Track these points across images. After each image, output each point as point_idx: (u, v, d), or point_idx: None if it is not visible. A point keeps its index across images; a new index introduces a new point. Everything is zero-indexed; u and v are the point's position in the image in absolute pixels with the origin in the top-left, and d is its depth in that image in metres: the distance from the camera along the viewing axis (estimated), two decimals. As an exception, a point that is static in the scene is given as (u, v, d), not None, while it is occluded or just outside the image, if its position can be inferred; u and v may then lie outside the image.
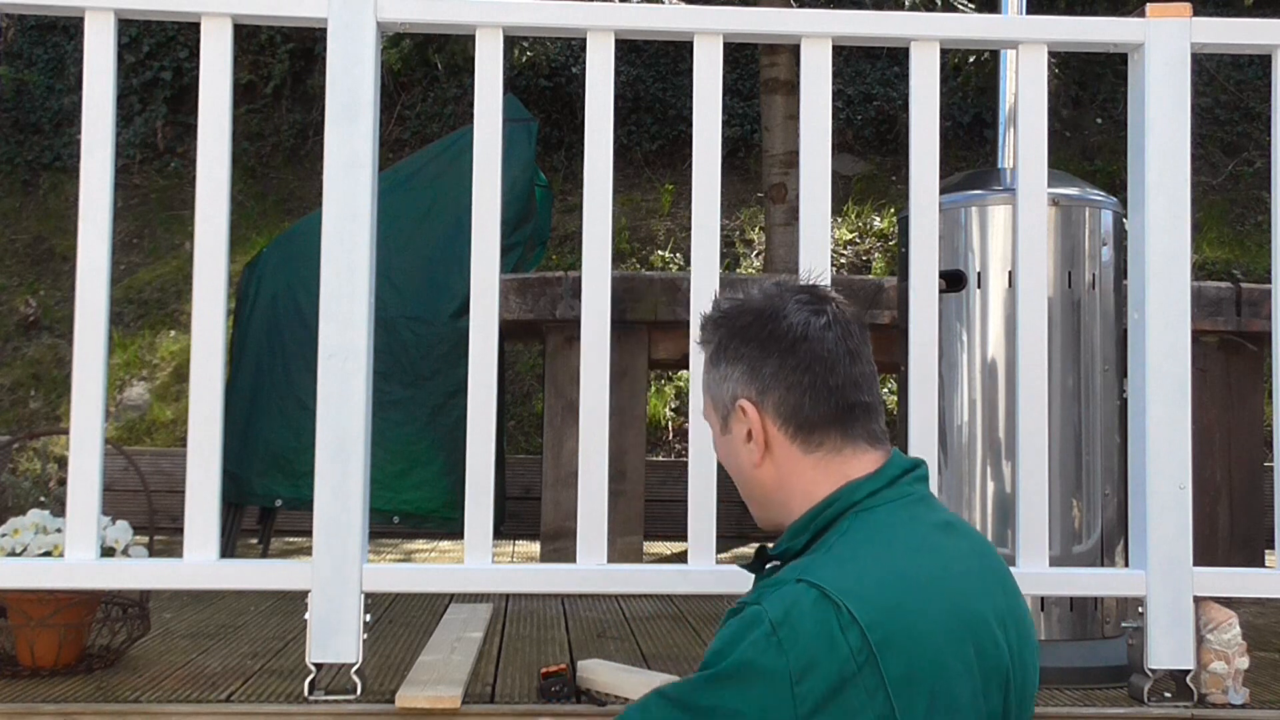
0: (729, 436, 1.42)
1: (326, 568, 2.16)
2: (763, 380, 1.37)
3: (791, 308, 1.38)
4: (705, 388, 1.46)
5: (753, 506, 1.45)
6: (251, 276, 4.64)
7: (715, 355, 1.43)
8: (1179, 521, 2.25)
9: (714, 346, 1.43)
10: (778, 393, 1.36)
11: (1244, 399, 3.99)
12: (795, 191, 4.42)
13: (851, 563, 1.23)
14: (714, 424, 1.46)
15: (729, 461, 1.44)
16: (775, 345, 1.36)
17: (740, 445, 1.39)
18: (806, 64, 2.33)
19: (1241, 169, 9.23)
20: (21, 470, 6.36)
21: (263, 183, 9.41)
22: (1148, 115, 2.31)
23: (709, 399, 1.45)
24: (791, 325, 1.37)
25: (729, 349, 1.40)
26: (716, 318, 1.44)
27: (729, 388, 1.40)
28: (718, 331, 1.43)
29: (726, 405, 1.41)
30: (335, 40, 2.24)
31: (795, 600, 1.17)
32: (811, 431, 1.36)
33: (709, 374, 1.44)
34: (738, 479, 1.44)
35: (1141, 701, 2.23)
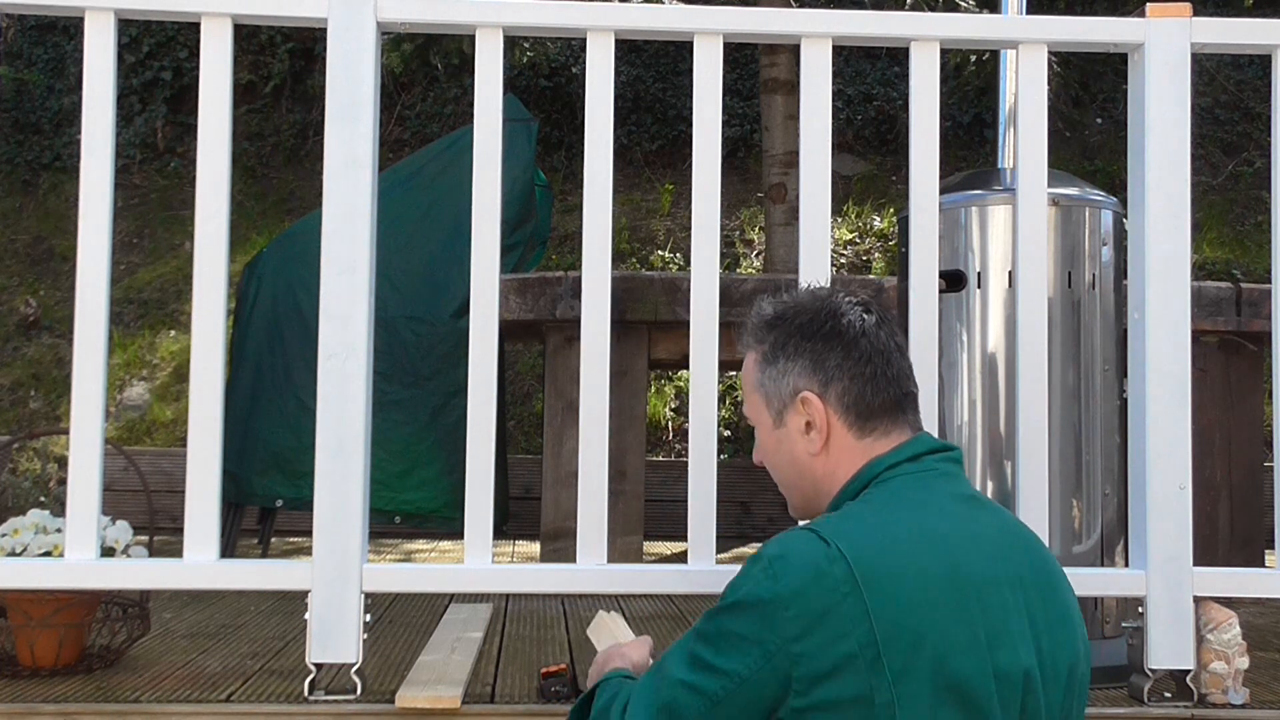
0: (783, 430, 1.51)
1: (326, 568, 2.16)
2: (827, 372, 1.48)
3: (845, 307, 1.52)
4: (756, 386, 1.54)
5: (797, 497, 1.54)
6: (251, 276, 4.64)
7: (772, 353, 1.52)
8: (1179, 521, 2.25)
9: (770, 345, 1.53)
10: (842, 383, 1.47)
11: (1244, 399, 3.99)
12: (795, 191, 4.42)
13: (855, 517, 1.37)
14: (763, 420, 1.54)
15: (779, 454, 1.53)
16: (839, 340, 1.49)
17: (798, 436, 1.50)
18: (806, 64, 2.33)
19: (1241, 169, 9.23)
20: (21, 470, 6.36)
21: (263, 183, 9.41)
22: (1148, 115, 2.31)
23: (759, 396, 1.54)
24: (851, 322, 1.50)
25: (788, 346, 1.51)
26: (770, 319, 1.54)
27: (789, 382, 1.50)
28: (773, 332, 1.53)
29: (785, 399, 1.50)
30: (335, 40, 2.24)
31: (792, 539, 1.31)
32: (869, 418, 1.47)
33: (762, 372, 1.53)
34: (789, 470, 1.53)
35: (1141, 701, 2.23)
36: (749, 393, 1.56)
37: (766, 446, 1.56)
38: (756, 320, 1.57)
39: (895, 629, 1.24)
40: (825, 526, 1.33)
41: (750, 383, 1.56)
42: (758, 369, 1.55)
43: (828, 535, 1.30)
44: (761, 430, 1.56)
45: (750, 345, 1.57)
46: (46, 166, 9.40)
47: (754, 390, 1.55)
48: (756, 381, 1.55)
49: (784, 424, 1.52)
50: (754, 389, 1.55)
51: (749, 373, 1.56)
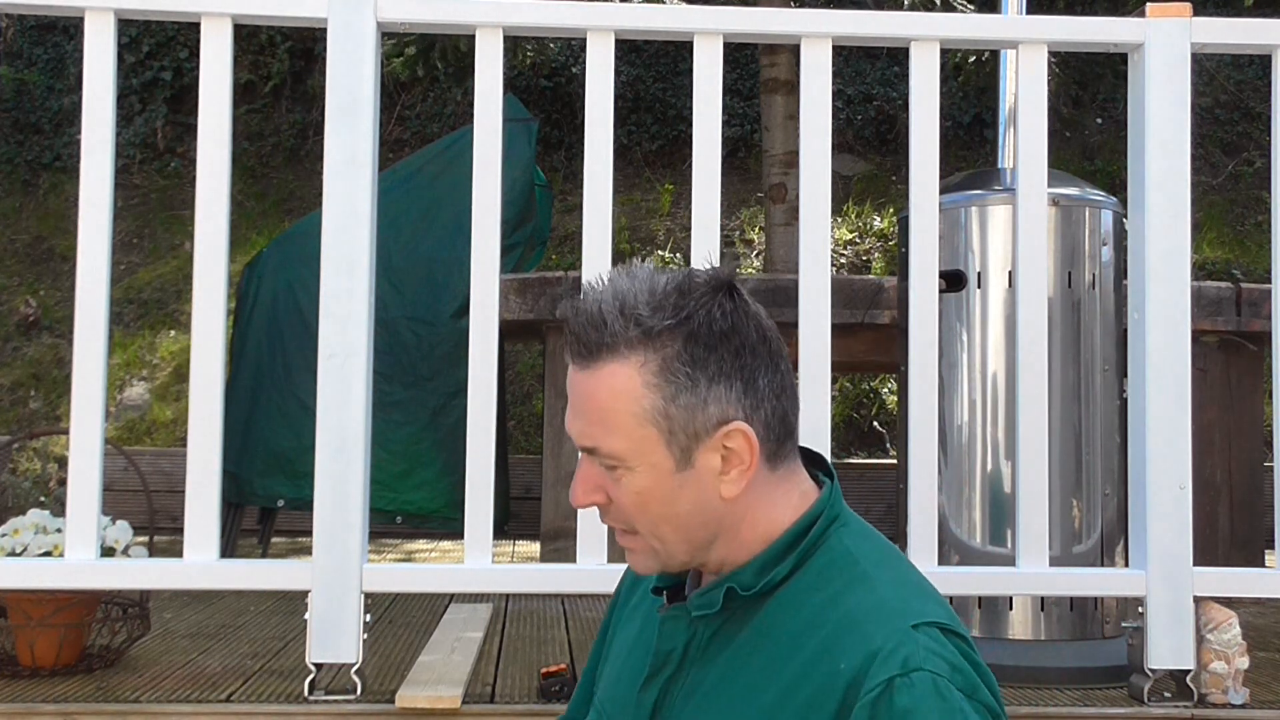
0: (690, 472, 1.12)
1: (326, 568, 2.16)
2: (758, 394, 1.12)
3: (750, 303, 1.15)
4: (648, 416, 1.10)
5: (682, 553, 1.16)
6: (251, 276, 4.64)
7: (686, 371, 1.10)
8: (1179, 521, 2.25)
9: (676, 360, 1.10)
10: (769, 405, 1.13)
11: (1244, 399, 3.99)
12: (795, 191, 4.41)
13: (904, 585, 1.13)
14: (654, 460, 1.11)
15: (674, 504, 1.13)
16: (763, 348, 1.13)
17: (710, 479, 1.12)
18: (806, 64, 2.33)
19: (1241, 169, 9.23)
20: (21, 470, 6.37)
21: (263, 183, 9.41)
22: (1148, 115, 2.31)
23: (654, 430, 1.10)
24: (764, 322, 1.15)
25: (709, 362, 1.10)
26: (671, 323, 1.10)
27: (714, 411, 1.10)
28: (675, 340, 1.10)
29: (700, 431, 1.11)
30: (335, 40, 2.24)
31: (940, 646, 1.05)
32: (783, 443, 1.15)
33: (665, 396, 1.10)
34: (681, 522, 1.14)
35: (1141, 701, 2.23)
36: (625, 425, 1.10)
37: (651, 494, 1.12)
38: (637, 324, 1.10)
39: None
40: (922, 610, 1.08)
41: (630, 412, 1.10)
42: (654, 393, 1.10)
43: (951, 625, 1.08)
44: (644, 474, 1.11)
45: (620, 357, 1.10)
46: (46, 166, 9.40)
47: (640, 422, 1.10)
48: (652, 410, 1.10)
49: (691, 464, 1.11)
50: (641, 420, 1.10)
51: (628, 397, 1.10)
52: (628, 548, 1.18)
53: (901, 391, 2.51)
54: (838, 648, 1.06)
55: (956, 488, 2.54)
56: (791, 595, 1.13)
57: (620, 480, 1.13)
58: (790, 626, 1.11)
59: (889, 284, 3.82)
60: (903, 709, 1.01)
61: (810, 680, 1.07)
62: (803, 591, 1.13)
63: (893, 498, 2.34)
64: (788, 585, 1.14)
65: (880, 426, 7.65)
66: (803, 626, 1.10)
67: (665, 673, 1.18)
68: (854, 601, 1.09)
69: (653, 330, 1.09)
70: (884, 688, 1.01)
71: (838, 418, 7.26)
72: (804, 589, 1.13)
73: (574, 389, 1.13)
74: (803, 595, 1.13)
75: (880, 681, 1.02)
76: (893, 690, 1.01)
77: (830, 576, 1.13)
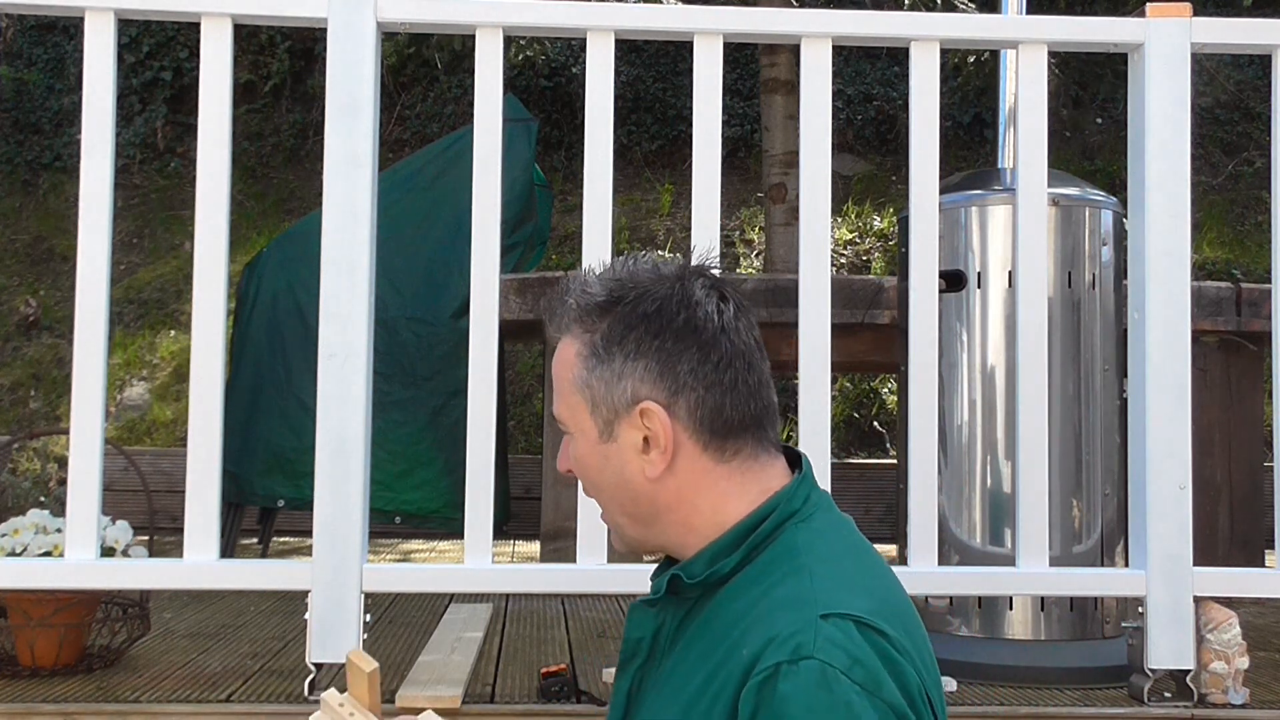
0: (612, 444, 1.20)
1: (326, 568, 2.16)
2: (677, 379, 1.18)
3: (700, 294, 1.20)
4: (578, 384, 1.21)
5: (628, 526, 1.24)
6: (251, 276, 4.64)
7: (605, 346, 1.20)
8: (1179, 521, 2.25)
9: (602, 336, 1.20)
10: (695, 394, 1.18)
11: (1244, 399, 4.00)
12: (795, 191, 4.42)
13: (838, 580, 1.12)
14: (583, 426, 1.22)
15: (603, 473, 1.22)
16: (693, 338, 1.18)
17: (631, 455, 1.19)
18: (806, 64, 2.33)
19: (1241, 169, 9.23)
20: (21, 470, 6.36)
21: (263, 183, 9.42)
22: (1148, 115, 2.31)
23: (581, 398, 1.21)
24: (708, 314, 1.19)
25: (627, 340, 1.19)
26: (605, 302, 1.21)
27: (627, 387, 1.19)
28: (607, 317, 1.20)
29: (618, 407, 1.19)
30: (335, 40, 2.24)
31: (847, 638, 1.05)
32: (727, 437, 1.19)
33: (589, 369, 1.21)
34: (613, 494, 1.23)
35: (1141, 701, 2.23)
36: (565, 391, 1.23)
37: (586, 460, 1.23)
38: (583, 300, 1.23)
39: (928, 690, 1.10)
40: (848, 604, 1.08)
41: (568, 379, 1.23)
42: (582, 363, 1.21)
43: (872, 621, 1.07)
44: (580, 440, 1.23)
45: (570, 330, 1.23)
46: (46, 166, 9.40)
47: (574, 390, 1.22)
48: (579, 379, 1.22)
49: (614, 437, 1.20)
50: (574, 388, 1.22)
51: (567, 365, 1.23)
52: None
53: (901, 391, 2.51)
54: (749, 631, 1.08)
55: (956, 488, 2.54)
56: (736, 588, 1.15)
57: (568, 447, 1.26)
58: (728, 615, 1.13)
59: (889, 284, 3.83)
60: (782, 695, 1.01)
61: (724, 667, 1.08)
62: (746, 584, 1.15)
63: (893, 498, 2.34)
64: (736, 578, 1.16)
65: (880, 426, 7.65)
66: (735, 617, 1.12)
67: (636, 661, 1.22)
68: (780, 592, 1.11)
69: (587, 307, 1.22)
70: (770, 672, 1.02)
71: (838, 418, 7.26)
72: (748, 582, 1.15)
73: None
74: (745, 588, 1.14)
75: (768, 666, 1.02)
76: (778, 676, 1.02)
77: (771, 570, 1.14)
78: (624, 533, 1.25)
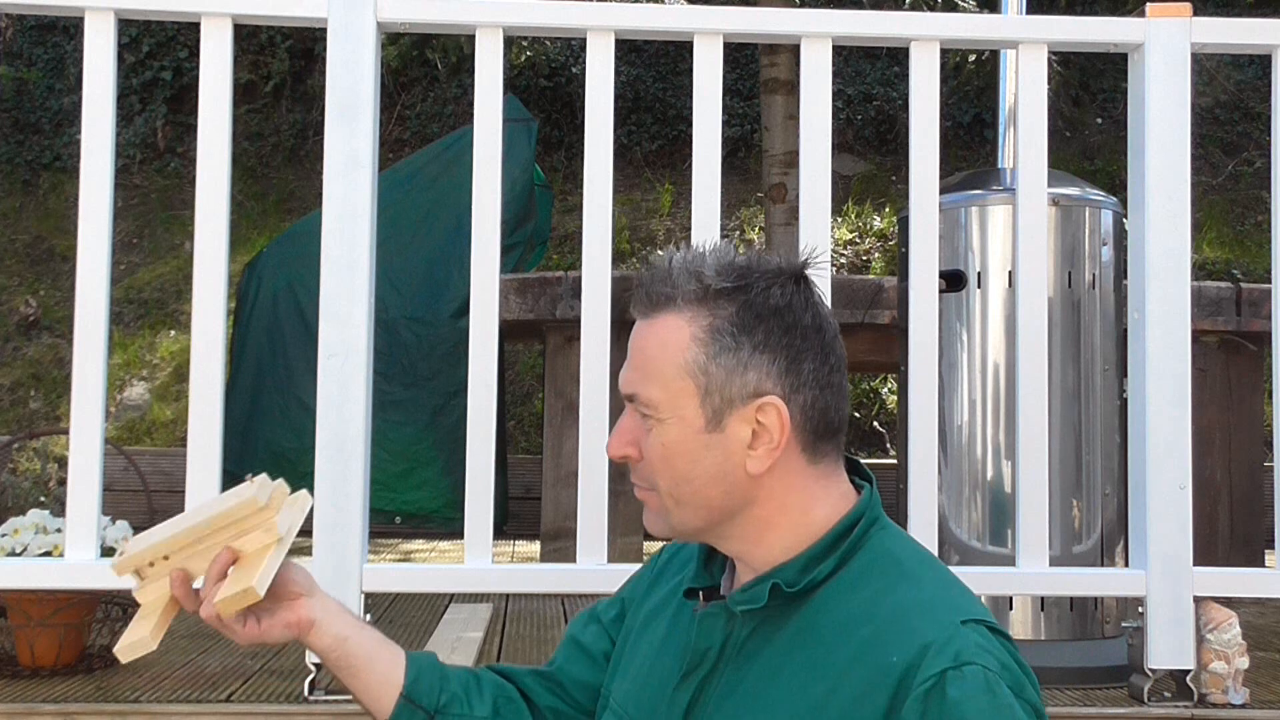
0: (717, 435, 1.14)
1: (326, 568, 2.16)
2: (799, 377, 1.14)
3: (817, 294, 1.19)
4: (691, 368, 1.14)
5: (697, 518, 1.17)
6: (251, 276, 4.65)
7: (733, 333, 1.14)
8: (1179, 521, 2.25)
9: (729, 321, 1.14)
10: (811, 394, 1.15)
11: (1244, 399, 3.99)
12: (795, 191, 4.42)
13: (949, 585, 1.15)
14: (684, 413, 1.15)
15: (697, 464, 1.15)
16: (817, 338, 1.16)
17: (736, 448, 1.14)
18: (806, 64, 2.33)
19: (1241, 169, 9.23)
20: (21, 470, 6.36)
21: (263, 183, 9.42)
22: (1148, 115, 2.31)
23: (691, 384, 1.14)
24: (828, 316, 1.18)
25: (757, 331, 1.14)
26: (730, 286, 1.14)
27: (751, 379, 1.13)
28: (733, 303, 1.14)
29: (735, 397, 1.13)
30: (335, 40, 2.24)
31: (989, 644, 1.07)
32: (822, 440, 1.17)
33: (708, 354, 1.14)
34: (701, 485, 1.16)
35: (1141, 701, 2.23)
36: (668, 374, 1.14)
37: (678, 448, 1.15)
38: (705, 280, 1.15)
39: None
40: (968, 609, 1.10)
41: (675, 362, 1.14)
42: (700, 348, 1.13)
43: (998, 626, 1.10)
44: (674, 427, 1.15)
45: (678, 309, 1.15)
46: (46, 166, 9.40)
47: (681, 374, 1.14)
48: (693, 364, 1.13)
49: (721, 428, 1.14)
50: (683, 372, 1.14)
51: (675, 347, 1.14)
52: (644, 504, 1.21)
53: (901, 391, 2.51)
54: (888, 641, 1.07)
55: (956, 488, 2.54)
56: (834, 593, 1.14)
57: (651, 431, 1.16)
58: (834, 622, 1.12)
59: (889, 284, 3.82)
60: (954, 700, 1.02)
61: (859, 673, 1.07)
62: (845, 590, 1.14)
63: (893, 498, 2.34)
64: (830, 584, 1.14)
65: (880, 426, 7.65)
66: (848, 622, 1.11)
67: (701, 671, 1.17)
68: (900, 597, 1.11)
69: (710, 289, 1.14)
70: (937, 680, 1.02)
71: (838, 418, 7.23)
72: (846, 587, 1.14)
73: (632, 339, 1.19)
74: (845, 593, 1.14)
75: (934, 674, 1.03)
76: (945, 682, 1.02)
77: (873, 576, 1.14)
78: (686, 525, 1.18)
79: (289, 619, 1.29)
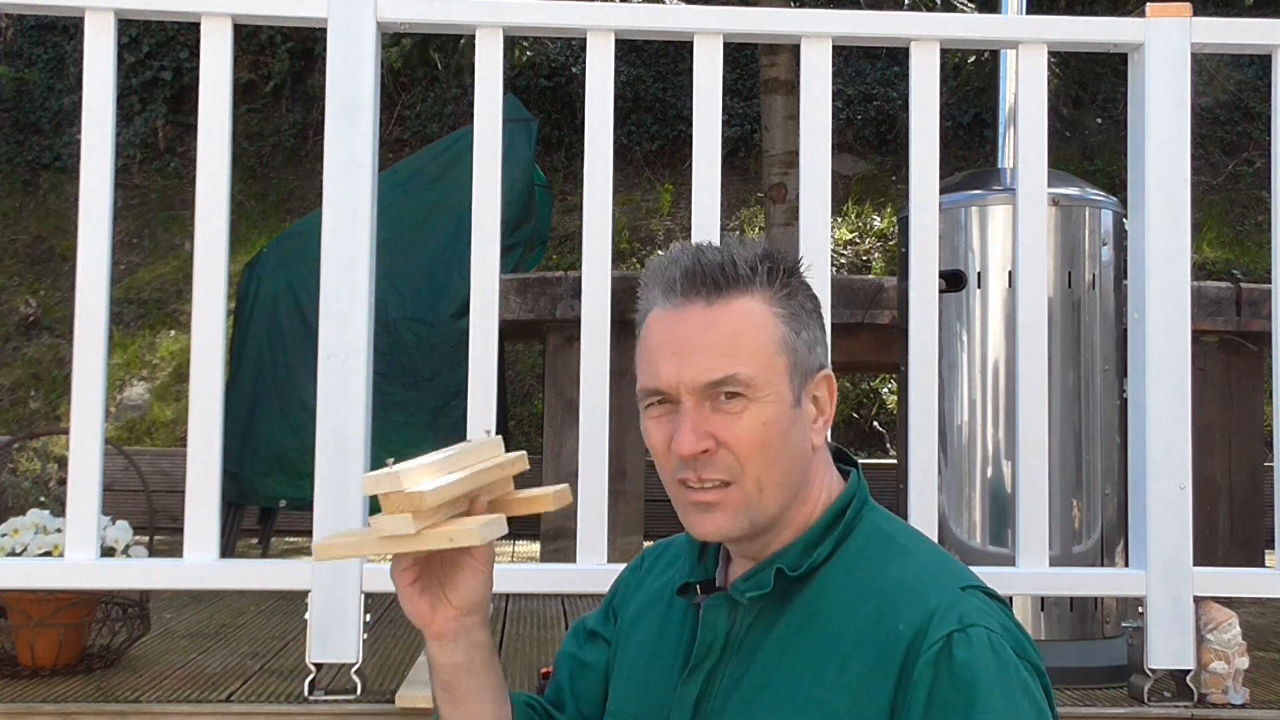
0: (798, 411, 1.15)
1: (326, 568, 2.16)
2: (828, 353, 1.21)
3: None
4: (781, 346, 1.14)
5: (779, 499, 1.15)
6: (251, 276, 4.64)
7: (806, 310, 1.17)
8: (1179, 521, 2.25)
9: (790, 297, 1.16)
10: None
11: (1244, 399, 3.99)
12: (795, 191, 4.41)
13: (943, 556, 1.20)
14: (781, 391, 1.14)
15: (787, 441, 1.14)
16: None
17: (808, 422, 1.16)
18: (806, 64, 2.33)
19: (1241, 169, 9.23)
20: (21, 470, 6.36)
21: (263, 183, 9.42)
22: (1148, 115, 2.31)
23: (786, 360, 1.15)
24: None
25: (808, 305, 1.18)
26: (791, 264, 1.18)
27: (819, 352, 1.18)
28: (792, 280, 1.17)
29: (809, 372, 1.16)
30: (335, 40, 2.24)
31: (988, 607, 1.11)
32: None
33: (793, 329, 1.15)
34: (787, 464, 1.15)
35: (1141, 701, 2.23)
36: (764, 351, 1.14)
37: (775, 427, 1.13)
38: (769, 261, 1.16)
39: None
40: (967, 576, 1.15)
41: (770, 339, 1.14)
42: (785, 324, 1.15)
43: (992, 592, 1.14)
44: (773, 405, 1.13)
45: (748, 290, 1.15)
46: (46, 166, 9.40)
47: (777, 350, 1.14)
48: (784, 340, 1.15)
49: (800, 404, 1.15)
50: (778, 349, 1.14)
51: (763, 326, 1.14)
52: (713, 504, 1.14)
53: (901, 391, 2.51)
54: (893, 611, 1.10)
55: (956, 488, 2.54)
56: (834, 574, 1.16)
57: (744, 414, 1.13)
58: (838, 602, 1.14)
59: (889, 284, 3.82)
60: (962, 661, 1.05)
61: (869, 646, 1.09)
62: (844, 570, 1.16)
63: (893, 498, 2.34)
64: (828, 565, 1.16)
65: (880, 426, 7.65)
66: (852, 599, 1.13)
67: (708, 664, 1.17)
68: (899, 570, 1.14)
69: (778, 270, 1.16)
70: (944, 642, 1.06)
71: (838, 418, 7.25)
72: (844, 568, 1.16)
73: (693, 324, 1.14)
74: (845, 574, 1.16)
75: (940, 637, 1.06)
76: (952, 644, 1.06)
77: (869, 554, 1.16)
78: (767, 513, 1.15)
79: (426, 612, 1.22)
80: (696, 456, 1.13)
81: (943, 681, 1.04)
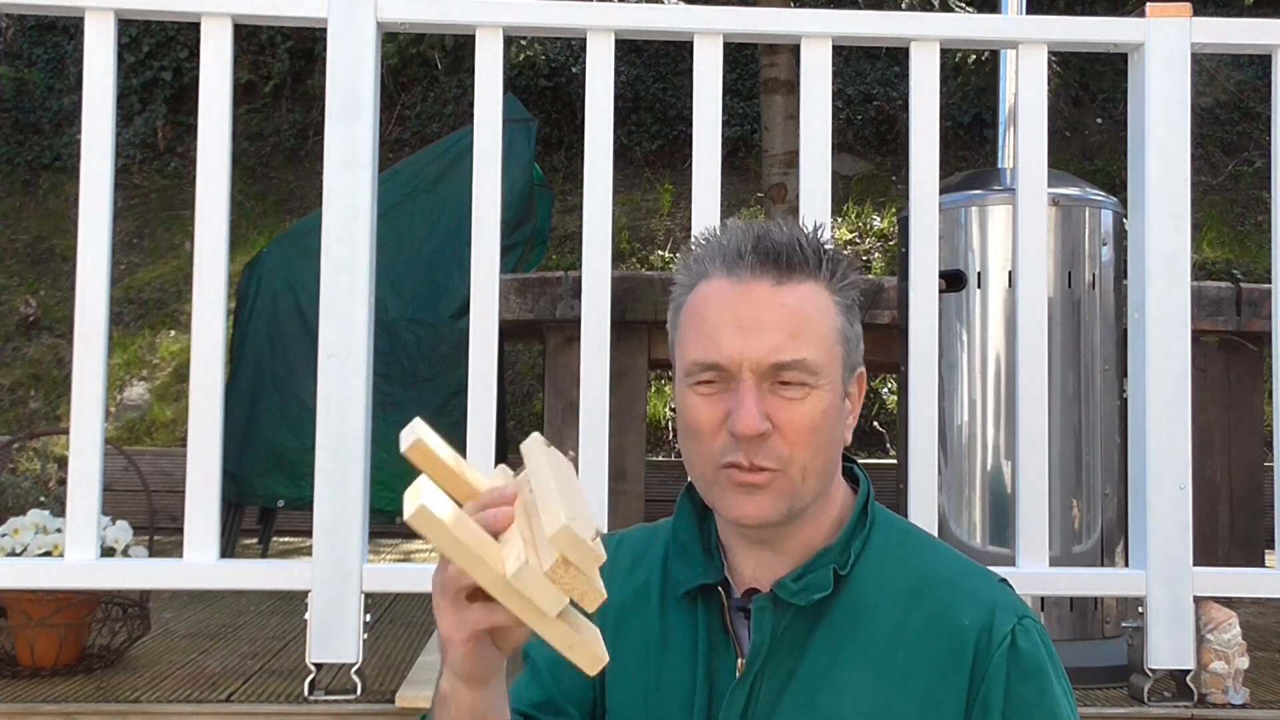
0: (844, 403, 1.16)
1: (326, 568, 2.16)
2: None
3: None
4: (840, 335, 1.14)
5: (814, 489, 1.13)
6: (251, 276, 4.64)
7: (854, 304, 1.16)
8: (1179, 521, 2.25)
9: (853, 294, 1.16)
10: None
11: (1244, 399, 3.99)
12: (795, 191, 4.41)
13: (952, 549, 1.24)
14: (835, 381, 1.13)
15: (835, 430, 1.14)
16: None
17: (845, 417, 1.16)
18: (806, 64, 2.33)
19: (1241, 169, 9.23)
20: (21, 470, 6.36)
21: (263, 183, 9.41)
22: (1148, 115, 2.31)
23: (843, 349, 1.14)
24: None
25: (859, 305, 1.18)
26: (848, 257, 1.17)
27: (861, 349, 1.18)
28: (854, 275, 1.17)
29: (853, 365, 1.17)
30: (335, 40, 2.24)
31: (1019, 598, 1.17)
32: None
33: (849, 320, 1.15)
34: (830, 455, 1.14)
35: (1141, 701, 2.23)
36: (826, 338, 1.12)
37: (828, 415, 1.12)
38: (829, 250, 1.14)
39: None
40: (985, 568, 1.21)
41: (833, 326, 1.13)
42: (843, 315, 1.15)
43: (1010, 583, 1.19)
44: (828, 394, 1.11)
45: (812, 275, 1.13)
46: (46, 166, 9.40)
47: (837, 339, 1.13)
48: (842, 330, 1.14)
49: (845, 395, 1.16)
50: (838, 337, 1.13)
51: (826, 312, 1.13)
52: (760, 486, 1.11)
53: (901, 391, 2.51)
54: (952, 604, 1.13)
55: (956, 488, 2.54)
56: (868, 569, 1.16)
57: (805, 400, 1.10)
58: (881, 596, 1.15)
59: (889, 284, 3.82)
60: (1026, 653, 1.11)
61: (935, 639, 1.12)
62: (875, 564, 1.17)
63: (893, 498, 2.34)
64: (859, 561, 1.17)
65: (880, 426, 7.65)
66: (895, 593, 1.15)
67: (754, 669, 1.14)
68: (930, 564, 1.17)
69: (839, 260, 1.14)
70: (1010, 637, 1.11)
71: (838, 418, 7.23)
72: (875, 562, 1.17)
73: (762, 301, 1.11)
74: (877, 568, 1.16)
75: (1007, 632, 1.11)
76: (1015, 636, 1.11)
77: (892, 547, 1.18)
78: (803, 502, 1.13)
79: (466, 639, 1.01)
80: (752, 439, 1.09)
81: (1014, 675, 1.10)
